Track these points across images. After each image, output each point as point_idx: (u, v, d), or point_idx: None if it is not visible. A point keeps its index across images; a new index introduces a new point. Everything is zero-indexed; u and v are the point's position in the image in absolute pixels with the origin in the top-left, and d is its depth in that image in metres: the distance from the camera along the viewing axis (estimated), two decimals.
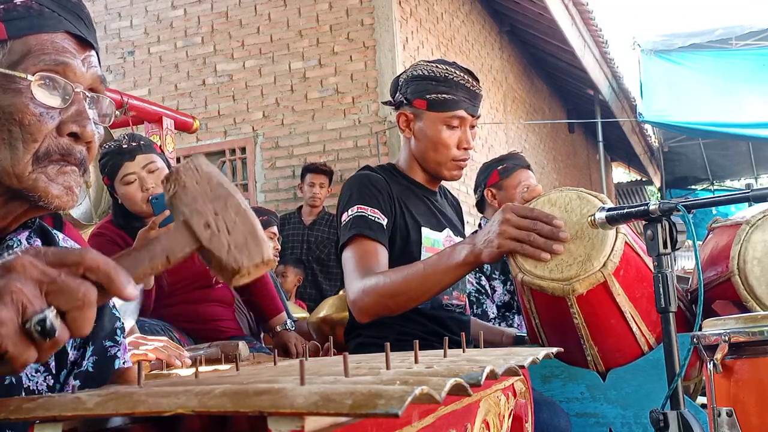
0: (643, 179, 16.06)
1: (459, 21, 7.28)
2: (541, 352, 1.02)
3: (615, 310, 1.72)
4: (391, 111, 2.17)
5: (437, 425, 0.76)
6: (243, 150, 6.21)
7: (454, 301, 2.04)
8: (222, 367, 1.49)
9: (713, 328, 1.48)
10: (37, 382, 0.94)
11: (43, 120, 0.88)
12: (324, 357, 2.19)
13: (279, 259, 4.29)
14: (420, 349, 0.88)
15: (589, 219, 1.56)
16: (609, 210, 1.53)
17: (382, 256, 1.84)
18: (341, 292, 2.97)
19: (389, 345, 0.80)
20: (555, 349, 1.14)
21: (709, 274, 1.97)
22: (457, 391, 0.62)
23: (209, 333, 2.55)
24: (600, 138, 10.37)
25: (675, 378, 1.37)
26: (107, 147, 2.49)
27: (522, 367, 0.87)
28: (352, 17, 5.97)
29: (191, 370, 1.43)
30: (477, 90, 1.98)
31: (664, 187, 13.11)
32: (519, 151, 4.04)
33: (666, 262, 1.43)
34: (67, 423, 0.62)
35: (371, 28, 5.90)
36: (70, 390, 0.97)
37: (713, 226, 2.14)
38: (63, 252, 0.67)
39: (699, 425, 1.35)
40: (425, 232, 1.97)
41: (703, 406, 1.70)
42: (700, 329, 1.49)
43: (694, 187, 14.59)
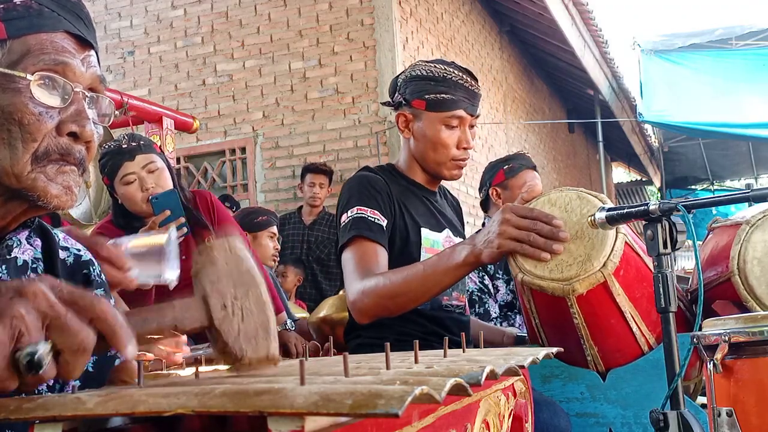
0: (643, 179, 16.06)
1: (459, 21, 7.27)
2: (541, 352, 1.02)
3: (615, 310, 1.72)
4: (391, 111, 2.17)
5: (437, 425, 0.76)
6: (243, 150, 6.21)
7: (453, 302, 2.03)
8: (222, 367, 1.48)
9: (713, 328, 1.48)
10: None
11: (43, 119, 0.88)
12: (324, 357, 2.19)
13: (279, 259, 4.28)
14: (420, 350, 0.88)
15: (589, 219, 1.56)
16: (609, 210, 1.53)
17: (381, 257, 1.84)
18: (341, 292, 2.96)
19: (389, 345, 0.80)
20: (555, 349, 1.14)
21: (709, 274, 1.97)
22: (457, 391, 0.62)
23: None
24: (600, 138, 10.37)
25: (675, 378, 1.37)
26: (107, 147, 2.49)
27: (522, 367, 0.87)
28: (352, 17, 5.97)
29: (191, 370, 1.43)
30: (476, 89, 1.98)
31: (664, 187, 13.12)
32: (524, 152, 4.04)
33: (666, 262, 1.43)
34: (67, 423, 0.62)
35: (371, 28, 5.89)
36: (70, 390, 0.97)
37: (713, 226, 2.14)
38: (78, 293, 0.67)
39: (699, 425, 1.34)
40: (425, 232, 1.97)
41: (703, 406, 1.70)
42: (700, 329, 1.49)
43: (694, 187, 14.60)
